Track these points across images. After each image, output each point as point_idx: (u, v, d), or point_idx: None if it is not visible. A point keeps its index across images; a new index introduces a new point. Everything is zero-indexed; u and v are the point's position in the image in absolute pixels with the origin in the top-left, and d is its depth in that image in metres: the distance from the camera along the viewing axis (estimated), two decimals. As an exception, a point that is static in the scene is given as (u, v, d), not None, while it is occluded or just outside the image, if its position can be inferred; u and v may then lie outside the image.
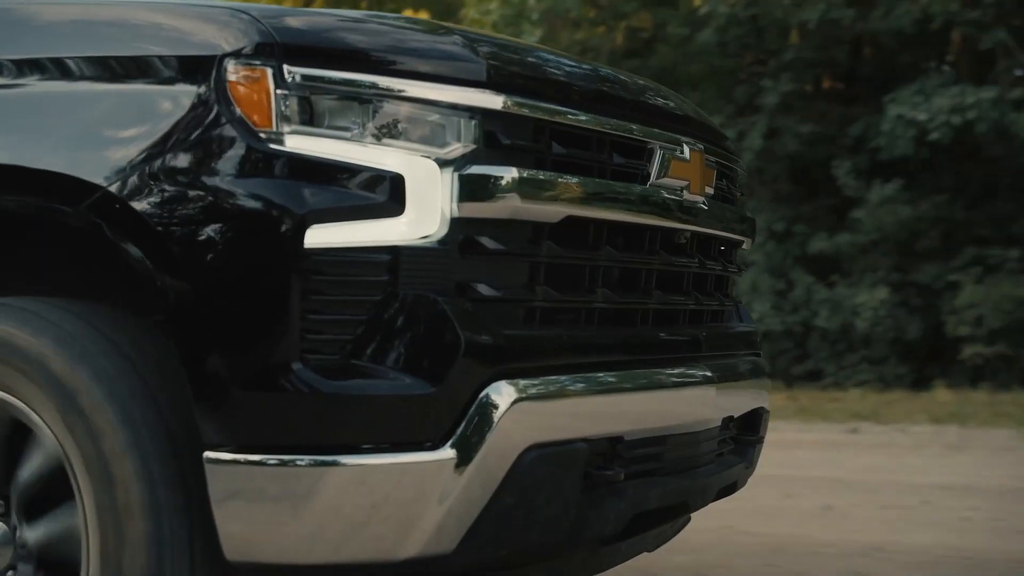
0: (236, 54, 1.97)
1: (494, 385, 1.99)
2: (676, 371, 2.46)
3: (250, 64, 1.97)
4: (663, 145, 2.41)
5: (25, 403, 2.03)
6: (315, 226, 1.92)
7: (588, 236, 2.25)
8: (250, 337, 1.92)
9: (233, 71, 1.96)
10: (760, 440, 2.96)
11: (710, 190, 2.63)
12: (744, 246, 2.93)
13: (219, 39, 1.99)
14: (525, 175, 2.07)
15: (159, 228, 1.95)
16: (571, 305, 2.24)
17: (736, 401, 2.71)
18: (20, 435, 2.08)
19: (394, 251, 1.96)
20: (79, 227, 2.07)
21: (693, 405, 2.49)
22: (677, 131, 2.50)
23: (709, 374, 2.51)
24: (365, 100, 1.99)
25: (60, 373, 1.98)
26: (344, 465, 1.90)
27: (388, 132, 2.01)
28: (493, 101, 2.07)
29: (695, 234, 2.57)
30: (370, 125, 2.00)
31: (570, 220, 2.17)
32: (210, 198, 1.95)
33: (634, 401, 2.32)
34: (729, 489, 2.80)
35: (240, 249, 1.93)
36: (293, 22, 2.05)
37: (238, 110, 1.96)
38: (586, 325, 2.29)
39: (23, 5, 2.30)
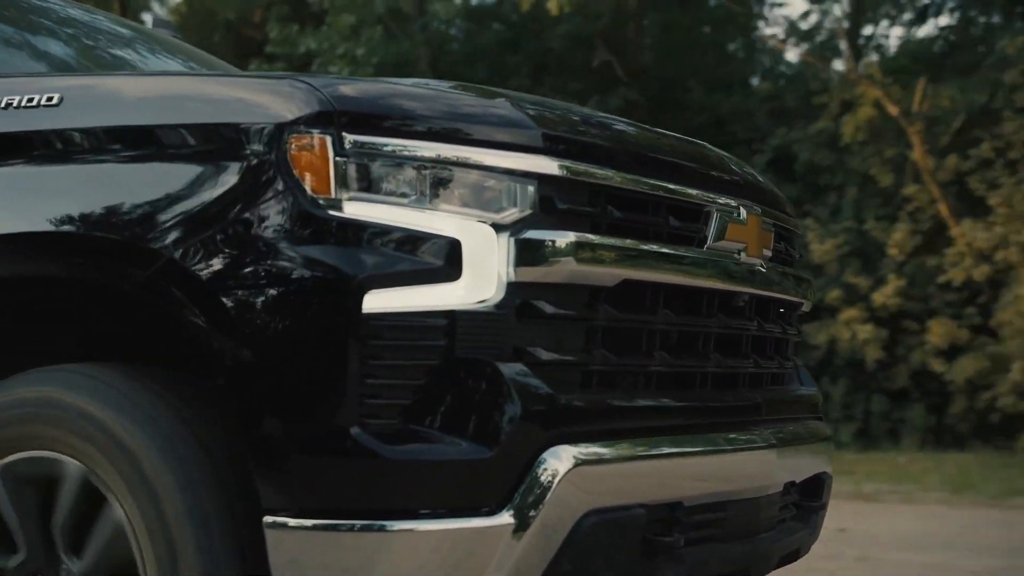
0: (296, 123, 2.01)
1: (552, 450, 1.98)
2: (736, 435, 2.42)
3: (310, 132, 2.00)
4: (720, 208, 2.41)
5: (89, 467, 2.05)
6: (373, 291, 1.94)
7: (645, 299, 2.25)
8: (309, 402, 1.93)
9: (293, 139, 2.00)
10: (823, 506, 2.90)
11: (768, 252, 2.61)
12: (803, 308, 2.90)
13: (280, 108, 2.04)
14: (581, 239, 2.08)
15: (220, 294, 1.98)
16: (629, 369, 2.23)
17: (798, 466, 2.66)
18: (87, 497, 2.10)
19: (451, 316, 1.97)
20: (142, 294, 2.11)
21: (754, 470, 2.45)
22: (734, 194, 2.50)
23: (770, 438, 2.48)
24: (422, 166, 2.02)
25: (122, 437, 2.01)
26: (402, 531, 1.89)
27: (445, 198, 2.03)
28: (549, 166, 2.09)
29: (753, 296, 2.55)
30: (427, 191, 2.02)
31: (627, 283, 2.17)
32: (270, 264, 1.98)
33: (694, 466, 2.29)
34: (792, 556, 2.74)
35: (299, 314, 1.95)
36: (351, 91, 2.09)
37: (298, 177, 1.99)
38: (644, 389, 2.27)
39: (94, 79, 2.37)
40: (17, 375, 2.17)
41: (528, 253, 2.04)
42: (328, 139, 2.00)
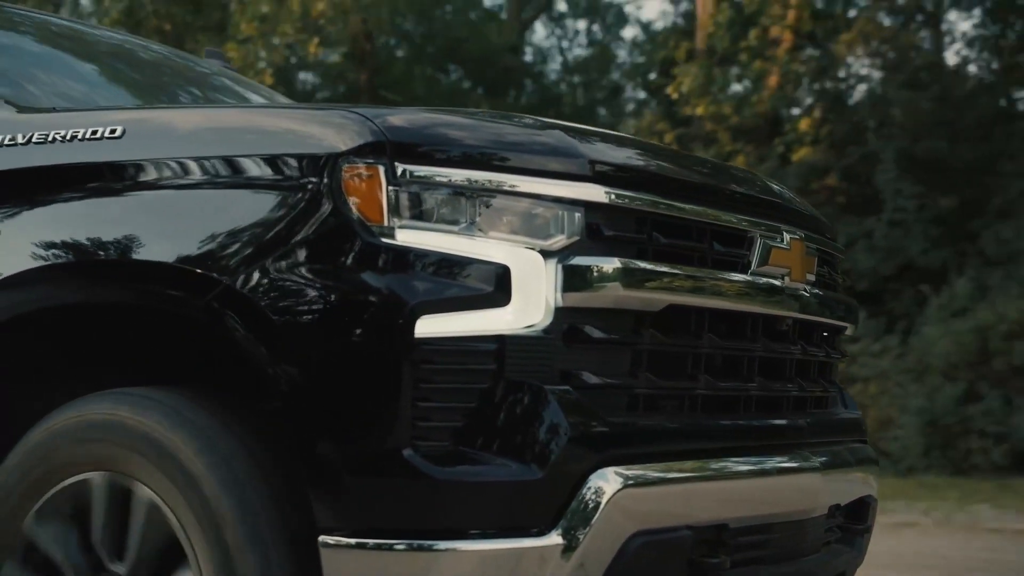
0: (350, 153, 2.07)
1: (600, 472, 2.02)
2: (781, 458, 2.45)
3: (363, 162, 2.06)
4: (763, 233, 2.44)
5: (152, 489, 2.11)
6: (425, 316, 1.99)
7: (690, 324, 2.28)
8: (362, 424, 1.99)
9: (347, 169, 2.06)
10: (868, 529, 2.91)
11: (811, 277, 2.64)
12: (847, 332, 2.92)
13: (334, 139, 2.10)
14: (627, 265, 2.12)
15: (275, 319, 2.04)
16: (674, 392, 2.27)
17: (843, 489, 2.68)
18: (148, 519, 2.15)
19: (500, 340, 2.02)
20: (200, 319, 2.17)
21: (799, 493, 2.47)
22: (777, 219, 2.53)
23: (815, 461, 2.50)
24: (472, 194, 2.07)
25: (185, 461, 2.07)
26: (452, 550, 1.94)
27: (494, 225, 2.08)
28: (596, 194, 2.14)
29: (797, 321, 2.57)
30: (477, 218, 2.07)
31: (672, 308, 2.21)
32: (323, 290, 2.04)
33: (739, 488, 2.32)
34: (837, 579, 2.75)
35: (353, 339, 2.01)
36: (403, 120, 2.15)
37: (352, 206, 2.05)
38: (689, 412, 2.30)
39: (153, 112, 2.45)
40: (81, 397, 2.24)
41: (575, 279, 2.08)
42: (381, 168, 2.06)
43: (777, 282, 2.47)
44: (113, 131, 2.32)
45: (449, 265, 2.04)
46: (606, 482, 2.01)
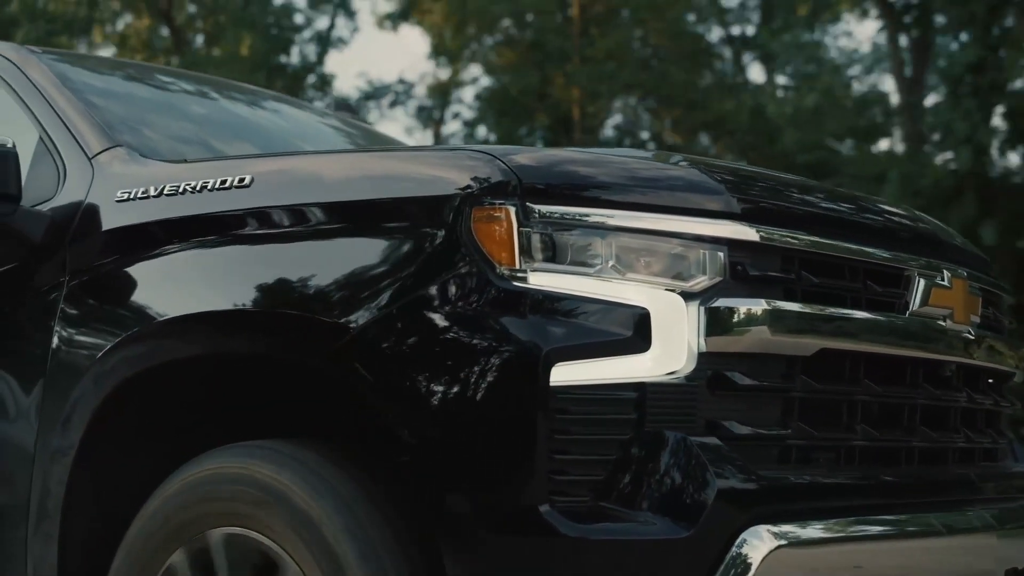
0: (479, 194, 1.99)
1: (751, 530, 1.87)
2: (948, 516, 2.24)
3: (493, 203, 1.98)
4: (922, 272, 2.26)
5: (281, 545, 2.03)
6: (561, 363, 1.88)
7: (844, 369, 2.12)
8: (496, 478, 1.88)
9: (477, 211, 1.98)
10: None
11: (976, 319, 2.44)
12: (1016, 378, 2.70)
13: (462, 180, 2.02)
14: (775, 307, 1.98)
15: (402, 368, 1.96)
16: (829, 443, 2.10)
17: (1021, 550, 2.45)
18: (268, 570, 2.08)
19: (641, 388, 1.91)
20: (327, 370, 2.10)
21: (969, 554, 2.26)
22: (936, 256, 2.35)
23: (987, 519, 2.28)
24: (607, 234, 1.97)
25: (317, 520, 1.96)
26: None
27: (631, 266, 1.97)
28: (740, 231, 2.01)
29: (961, 366, 2.38)
30: (613, 260, 1.96)
31: (825, 353, 2.05)
32: (454, 337, 1.95)
33: (901, 549, 2.13)
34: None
35: (484, 387, 1.91)
36: (533, 159, 2.06)
37: (482, 248, 1.96)
38: (845, 465, 2.14)
39: (280, 160, 2.43)
40: (211, 451, 2.19)
41: (719, 322, 1.95)
42: (512, 209, 1.97)
43: (939, 324, 2.28)
44: (242, 180, 2.29)
45: (585, 309, 1.93)
46: (759, 541, 1.86)
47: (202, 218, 2.31)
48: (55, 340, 2.40)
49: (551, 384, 1.87)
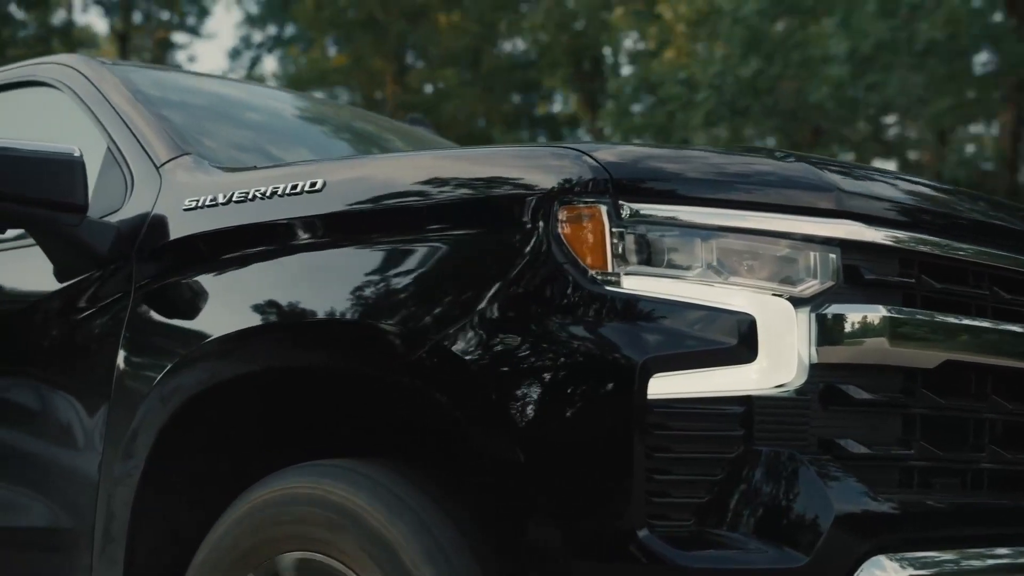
0: (567, 192, 1.84)
1: (873, 560, 1.70)
2: None
3: (582, 202, 1.83)
4: None
5: (346, 564, 1.89)
6: (659, 375, 1.72)
7: (971, 384, 1.93)
8: (589, 501, 1.72)
9: (564, 210, 1.83)
10: None
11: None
12: None
13: (548, 178, 1.87)
14: (894, 315, 1.80)
15: (485, 381, 1.81)
16: (955, 465, 1.91)
17: None
18: None
19: (747, 402, 1.73)
20: (403, 383, 1.96)
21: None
22: None
23: None
24: (707, 235, 1.81)
25: (396, 545, 1.81)
26: None
27: (734, 269, 1.81)
28: (854, 231, 1.84)
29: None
30: (714, 262, 1.80)
31: (949, 365, 1.86)
32: (541, 347, 1.79)
33: None
34: None
35: (575, 402, 1.75)
36: (625, 155, 1.91)
37: (571, 251, 1.81)
38: (973, 490, 1.94)
39: (353, 162, 2.31)
40: (277, 472, 2.05)
41: (832, 331, 1.78)
42: (603, 209, 1.81)
43: None
44: (313, 184, 2.17)
45: (684, 315, 1.76)
46: (883, 571, 1.68)
47: (272, 225, 2.19)
48: (120, 356, 2.29)
49: (648, 397, 1.71)
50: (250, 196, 2.25)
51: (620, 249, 1.80)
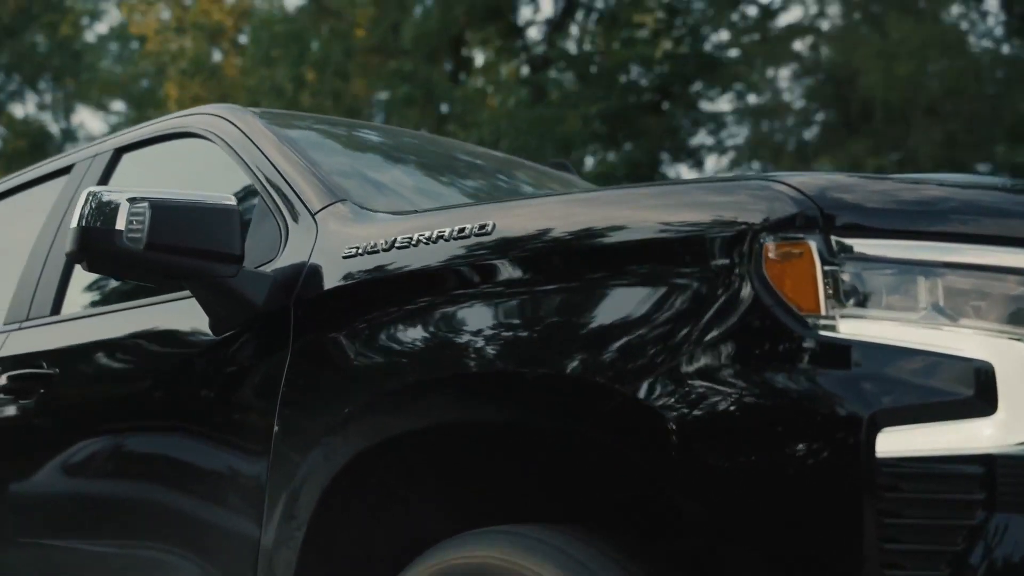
0: (772, 228, 1.67)
1: None
2: None
3: (789, 238, 1.65)
4: None
5: None
6: (886, 430, 1.53)
7: None
8: (812, 572, 1.53)
9: (770, 247, 1.66)
10: None
11: None
12: None
13: (749, 212, 1.70)
14: None
15: (686, 437, 1.64)
16: None
17: None
18: None
19: (989, 461, 1.53)
20: (593, 438, 1.80)
21: None
22: None
23: None
24: (930, 272, 1.62)
25: None
26: None
27: (966, 311, 1.61)
28: None
29: None
30: (942, 303, 1.61)
31: None
32: (747, 400, 1.62)
33: None
34: None
35: (792, 462, 1.57)
36: (832, 184, 1.73)
37: (778, 292, 1.64)
38: None
39: (522, 203, 2.17)
40: (454, 538, 1.91)
41: None
42: (812, 244, 1.64)
43: None
44: (483, 227, 2.04)
45: (910, 363, 1.57)
46: None
47: (438, 270, 2.06)
48: (279, 411, 2.18)
49: (877, 456, 1.52)
50: (414, 241, 2.13)
51: (835, 290, 1.62)
